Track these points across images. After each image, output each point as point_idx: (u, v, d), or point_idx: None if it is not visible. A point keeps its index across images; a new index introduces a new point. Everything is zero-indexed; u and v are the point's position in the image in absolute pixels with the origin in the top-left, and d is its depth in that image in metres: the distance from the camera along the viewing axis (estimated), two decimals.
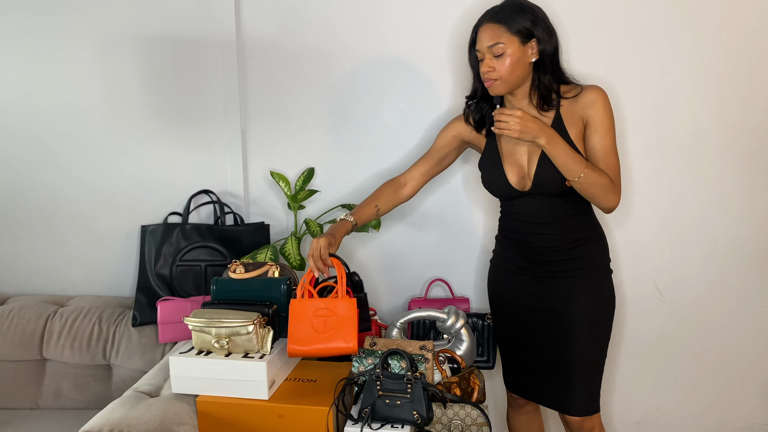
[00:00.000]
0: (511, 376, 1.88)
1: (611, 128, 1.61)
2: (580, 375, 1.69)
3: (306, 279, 1.65)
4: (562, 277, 1.70)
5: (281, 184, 2.11)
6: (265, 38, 2.10)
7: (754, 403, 2.20)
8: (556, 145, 1.56)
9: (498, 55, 1.57)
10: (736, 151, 2.04)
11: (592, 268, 1.70)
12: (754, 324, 2.14)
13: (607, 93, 1.62)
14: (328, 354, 1.59)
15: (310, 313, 1.59)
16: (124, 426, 1.43)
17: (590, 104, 1.60)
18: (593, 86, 1.63)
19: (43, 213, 2.22)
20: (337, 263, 1.64)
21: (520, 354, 1.83)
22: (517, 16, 1.56)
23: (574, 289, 1.68)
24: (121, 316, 2.06)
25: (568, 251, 1.69)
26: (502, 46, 1.55)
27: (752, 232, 2.09)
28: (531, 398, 1.84)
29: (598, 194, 1.59)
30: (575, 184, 1.59)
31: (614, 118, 1.63)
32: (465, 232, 2.17)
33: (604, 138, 1.60)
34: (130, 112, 2.15)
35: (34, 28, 2.11)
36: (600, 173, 1.58)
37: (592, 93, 1.61)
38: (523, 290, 1.77)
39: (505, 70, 1.57)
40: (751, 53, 1.97)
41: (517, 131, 1.55)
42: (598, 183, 1.58)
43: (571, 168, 1.56)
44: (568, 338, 1.69)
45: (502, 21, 1.56)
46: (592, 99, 1.60)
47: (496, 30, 1.56)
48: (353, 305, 1.60)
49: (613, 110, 1.63)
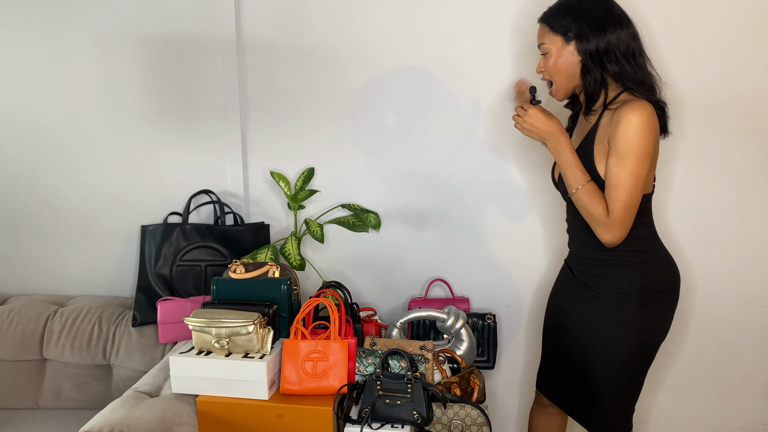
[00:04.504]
0: (541, 374, 1.85)
1: (630, 157, 1.39)
2: (596, 394, 1.61)
3: (299, 319, 1.66)
4: (587, 290, 1.61)
5: (281, 184, 2.11)
6: (265, 38, 2.10)
7: (754, 404, 2.20)
8: (560, 153, 1.51)
9: (544, 54, 1.53)
10: (736, 150, 2.04)
11: (613, 294, 1.55)
12: (754, 324, 2.14)
13: (649, 111, 1.40)
14: (321, 393, 1.60)
15: (302, 354, 1.61)
16: (124, 426, 1.43)
17: (617, 123, 1.41)
18: (632, 105, 1.40)
19: (44, 213, 2.22)
20: (329, 304, 1.64)
21: (548, 353, 1.81)
22: (559, 13, 1.48)
23: (590, 306, 1.60)
24: (121, 316, 2.06)
25: (591, 266, 1.60)
26: (546, 46, 1.51)
27: (752, 232, 2.09)
28: (555, 402, 1.79)
29: (589, 222, 1.49)
30: (573, 201, 1.52)
31: (647, 146, 1.40)
32: (465, 232, 2.17)
33: (616, 165, 1.41)
34: (130, 113, 2.15)
35: (34, 28, 2.11)
36: (595, 201, 1.45)
37: (625, 110, 1.40)
38: (561, 287, 1.76)
39: (551, 71, 1.52)
40: (751, 53, 1.97)
41: (526, 130, 1.54)
42: (587, 209, 1.47)
43: (567, 180, 1.51)
44: (583, 354, 1.63)
45: (545, 20, 1.52)
46: (621, 118, 1.40)
47: (541, 30, 1.53)
48: (345, 348, 1.61)
49: (648, 136, 1.39)
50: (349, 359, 1.63)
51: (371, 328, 1.89)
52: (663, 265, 1.60)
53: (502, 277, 2.17)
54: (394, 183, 2.15)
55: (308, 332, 1.65)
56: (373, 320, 1.95)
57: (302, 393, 1.59)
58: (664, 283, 1.59)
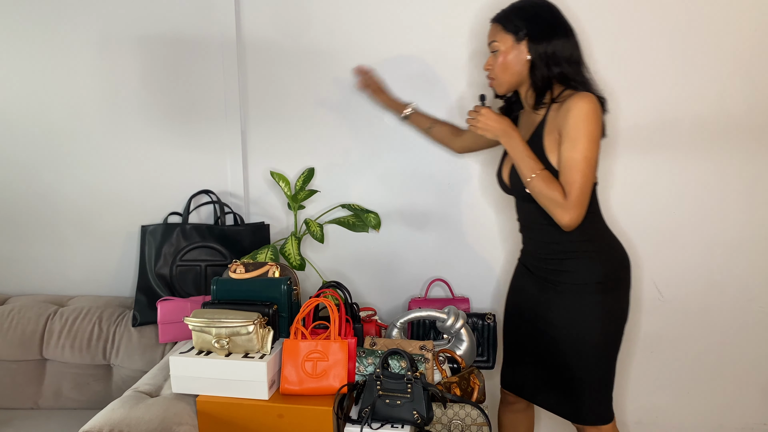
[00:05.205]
0: (506, 373, 1.88)
1: (581, 141, 1.48)
2: (576, 387, 1.66)
3: (299, 319, 1.66)
4: (549, 287, 1.67)
5: (281, 184, 2.11)
6: (265, 38, 2.10)
7: (754, 404, 2.20)
8: (513, 147, 1.57)
9: (494, 51, 1.61)
10: (736, 150, 2.04)
11: (577, 285, 1.62)
12: (754, 324, 2.14)
13: (594, 101, 1.49)
14: (321, 393, 1.59)
15: (302, 354, 1.61)
16: (124, 426, 1.43)
17: (566, 113, 1.50)
18: (579, 94, 1.51)
19: (44, 213, 2.22)
20: (329, 304, 1.64)
21: (517, 354, 1.83)
22: (513, 15, 1.58)
23: (556, 302, 1.65)
24: (121, 316, 2.06)
25: (551, 261, 1.66)
26: (496, 43, 1.60)
27: (752, 232, 2.09)
28: (529, 399, 1.82)
29: (547, 207, 1.53)
30: (529, 191, 1.57)
31: (596, 130, 1.49)
32: (465, 232, 2.17)
33: (569, 150, 1.49)
34: (130, 112, 2.15)
35: (35, 28, 2.11)
36: (550, 185, 1.51)
37: (573, 101, 1.50)
38: (521, 286, 1.79)
39: (498, 68, 1.61)
40: (752, 53, 1.97)
41: (481, 128, 1.61)
42: (544, 194, 1.52)
43: (522, 171, 1.56)
44: (558, 350, 1.67)
45: (499, 20, 1.61)
46: (570, 107, 1.49)
47: (494, 29, 1.62)
48: (345, 348, 1.61)
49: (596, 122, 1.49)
50: (349, 359, 1.63)
51: (371, 328, 1.89)
52: (619, 252, 1.68)
53: (501, 277, 2.17)
54: (394, 183, 2.15)
55: (308, 332, 1.65)
56: (373, 320, 1.95)
57: (302, 393, 1.59)
58: (622, 269, 1.67)
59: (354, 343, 1.66)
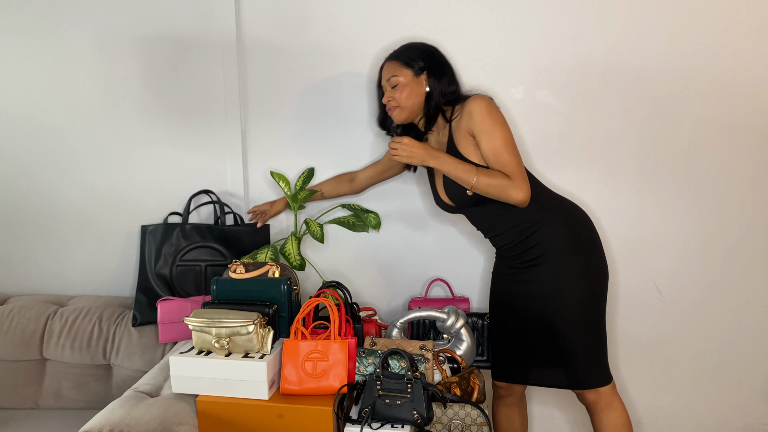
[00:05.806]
0: (498, 364, 1.89)
1: (495, 129, 1.67)
2: (570, 354, 1.73)
3: (299, 319, 1.66)
4: (531, 266, 1.76)
5: (281, 184, 2.11)
6: (265, 38, 2.10)
7: (754, 403, 2.21)
8: (444, 163, 1.70)
9: (394, 86, 1.76)
10: (736, 151, 2.04)
11: (554, 252, 1.73)
12: (754, 324, 2.14)
13: (486, 97, 1.70)
14: (321, 393, 1.60)
15: (302, 354, 1.61)
16: (124, 426, 1.43)
17: (468, 117, 1.69)
18: (472, 97, 1.72)
19: (44, 213, 2.22)
20: (329, 304, 1.65)
21: (502, 340, 1.86)
22: (410, 52, 1.77)
23: (536, 275, 1.75)
24: (121, 316, 2.06)
25: (524, 242, 1.76)
26: (396, 78, 1.76)
27: (752, 232, 2.09)
28: (522, 382, 1.85)
29: (499, 194, 1.68)
30: (476, 192, 1.69)
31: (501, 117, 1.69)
32: (465, 232, 2.17)
33: (489, 142, 1.67)
34: (130, 112, 2.15)
35: (35, 28, 2.11)
36: (493, 175, 1.67)
37: (468, 106, 1.70)
38: (503, 277, 1.86)
39: (401, 98, 1.76)
40: (752, 53, 1.97)
41: (406, 157, 1.73)
42: (493, 185, 1.67)
43: (463, 178, 1.69)
44: (542, 321, 1.74)
45: (397, 57, 1.78)
46: (469, 111, 1.69)
47: (392, 65, 1.79)
48: (345, 348, 1.61)
49: (497, 111, 1.69)
50: (349, 359, 1.63)
51: (371, 328, 1.89)
52: (577, 211, 1.81)
53: None
54: (394, 183, 2.15)
55: (308, 332, 1.65)
56: (373, 320, 1.95)
57: (302, 393, 1.59)
58: (586, 225, 1.80)
59: (354, 343, 1.66)
